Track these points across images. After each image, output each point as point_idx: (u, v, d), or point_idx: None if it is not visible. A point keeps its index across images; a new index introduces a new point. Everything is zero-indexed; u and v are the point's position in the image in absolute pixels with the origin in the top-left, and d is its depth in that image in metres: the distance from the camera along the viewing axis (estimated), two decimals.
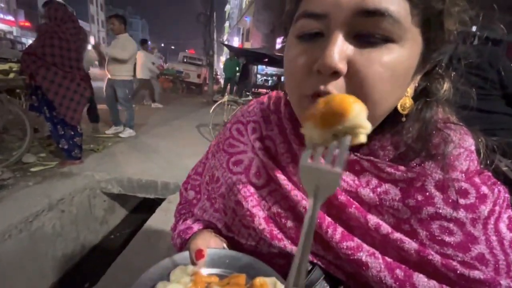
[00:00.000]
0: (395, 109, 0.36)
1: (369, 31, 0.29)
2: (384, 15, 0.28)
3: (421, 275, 0.33)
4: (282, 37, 0.37)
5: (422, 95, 0.37)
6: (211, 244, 0.42)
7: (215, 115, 4.32)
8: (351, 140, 0.24)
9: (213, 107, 4.32)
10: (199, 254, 0.38)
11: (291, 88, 0.36)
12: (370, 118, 0.33)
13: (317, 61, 0.30)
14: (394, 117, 0.36)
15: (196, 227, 0.51)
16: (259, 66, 10.87)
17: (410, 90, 0.35)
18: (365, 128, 0.24)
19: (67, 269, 2.20)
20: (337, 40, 0.30)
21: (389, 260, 0.34)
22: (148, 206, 2.70)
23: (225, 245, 0.44)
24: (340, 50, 0.29)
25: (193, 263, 0.38)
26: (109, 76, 3.79)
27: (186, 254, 0.39)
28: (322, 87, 0.31)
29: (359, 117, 0.23)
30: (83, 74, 2.73)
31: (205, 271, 0.38)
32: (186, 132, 4.70)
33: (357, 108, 0.24)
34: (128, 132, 4.06)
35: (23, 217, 1.87)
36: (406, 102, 0.35)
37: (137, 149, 3.55)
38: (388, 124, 0.36)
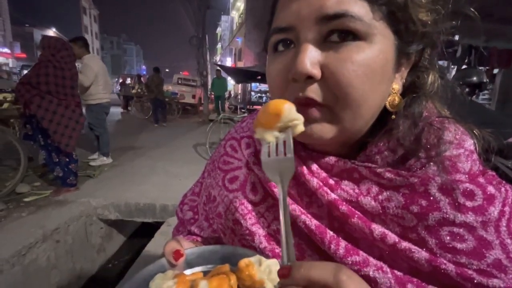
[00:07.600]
0: (387, 110, 0.35)
1: (334, 33, 0.31)
2: (345, 15, 0.30)
3: None
4: None
5: (410, 90, 0.36)
6: (184, 246, 0.39)
7: (212, 134, 4.32)
8: (293, 131, 0.29)
9: (209, 126, 4.33)
10: (178, 254, 0.35)
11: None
12: (357, 118, 0.33)
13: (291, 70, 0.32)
14: (387, 118, 0.35)
15: (190, 238, 0.49)
16: (253, 84, 11.07)
17: (397, 87, 0.35)
18: (298, 119, 0.29)
19: None
20: (307, 47, 0.31)
21: (399, 274, 0.32)
22: (148, 230, 2.62)
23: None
24: (311, 56, 0.31)
25: (172, 266, 0.35)
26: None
27: (162, 261, 0.36)
28: (300, 94, 0.32)
29: (291, 112, 0.29)
30: (78, 100, 2.74)
31: (186, 272, 0.36)
32: (183, 152, 4.67)
33: (287, 106, 0.29)
34: (100, 160, 3.71)
35: (15, 250, 1.79)
36: (395, 99, 0.35)
37: (133, 172, 3.50)
38: (382, 126, 0.36)
